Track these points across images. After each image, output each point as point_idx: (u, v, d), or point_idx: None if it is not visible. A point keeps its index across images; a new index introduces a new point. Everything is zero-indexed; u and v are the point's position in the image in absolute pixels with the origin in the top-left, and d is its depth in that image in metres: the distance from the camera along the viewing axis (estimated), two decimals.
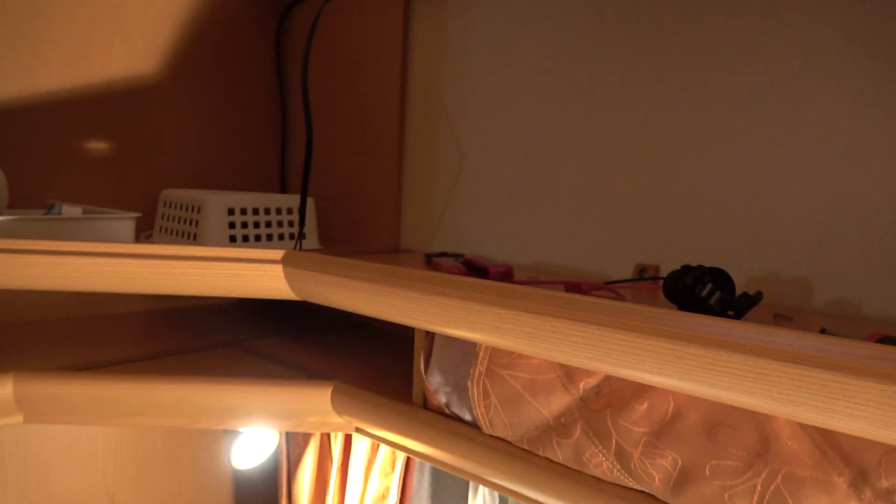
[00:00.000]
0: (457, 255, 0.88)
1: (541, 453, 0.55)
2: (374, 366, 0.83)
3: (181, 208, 0.93)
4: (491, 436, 0.59)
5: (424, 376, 0.64)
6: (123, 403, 0.74)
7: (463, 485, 0.92)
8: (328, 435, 0.98)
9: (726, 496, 0.44)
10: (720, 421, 0.45)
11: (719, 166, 0.70)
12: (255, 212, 0.92)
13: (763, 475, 0.43)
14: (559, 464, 0.54)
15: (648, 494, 0.50)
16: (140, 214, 0.74)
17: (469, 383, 0.57)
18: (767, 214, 0.67)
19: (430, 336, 0.65)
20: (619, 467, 0.49)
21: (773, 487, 0.42)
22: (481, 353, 0.56)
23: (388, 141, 1.01)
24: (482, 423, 0.58)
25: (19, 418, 0.76)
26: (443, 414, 0.64)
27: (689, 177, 0.72)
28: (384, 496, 0.89)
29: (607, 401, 0.50)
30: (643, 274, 0.76)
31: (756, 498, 0.43)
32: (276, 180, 1.21)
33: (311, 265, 0.63)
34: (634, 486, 0.50)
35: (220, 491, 1.20)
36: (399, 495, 0.87)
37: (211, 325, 1.02)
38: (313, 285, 0.63)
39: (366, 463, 0.90)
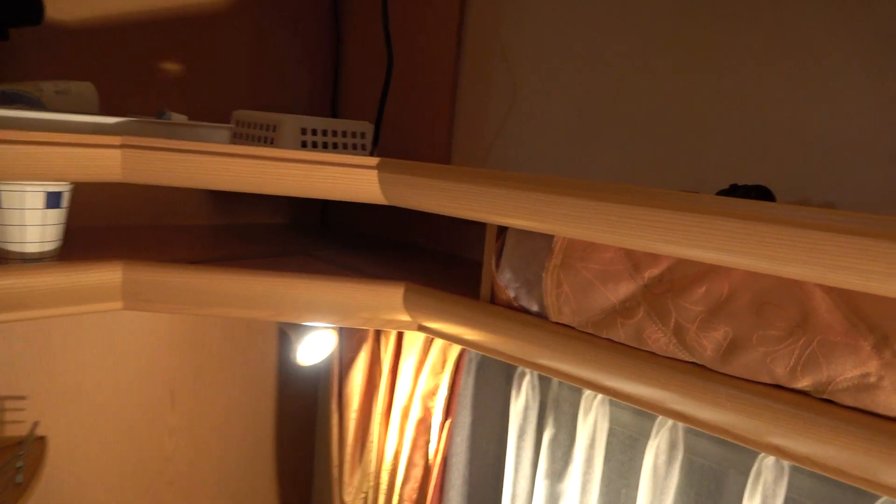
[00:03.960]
0: None
1: (603, 335, 0.65)
2: (436, 274, 0.92)
3: (256, 127, 1.01)
4: (557, 322, 0.69)
5: (495, 274, 0.74)
6: (216, 293, 0.84)
7: (504, 381, 1.03)
8: (379, 341, 1.08)
9: (768, 360, 0.54)
10: (767, 300, 0.54)
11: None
12: (325, 133, 1.00)
13: (801, 341, 0.52)
14: (619, 343, 0.64)
15: (697, 365, 0.60)
16: (233, 126, 0.82)
17: (543, 275, 0.66)
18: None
19: (501, 239, 0.74)
20: (675, 341, 0.59)
21: (809, 351, 0.52)
22: (557, 248, 0.65)
23: (443, 74, 1.08)
24: (551, 311, 0.68)
25: (119, 304, 0.85)
26: (511, 307, 0.74)
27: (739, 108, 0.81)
28: (433, 392, 0.99)
29: (669, 286, 0.59)
30: None
31: (794, 360, 0.53)
32: (328, 106, 1.28)
33: (403, 169, 0.71)
34: (686, 358, 0.60)
35: (266, 389, 1.31)
36: (448, 391, 0.97)
37: (274, 238, 1.11)
38: (404, 189, 0.72)
39: (416, 363, 1.00)
